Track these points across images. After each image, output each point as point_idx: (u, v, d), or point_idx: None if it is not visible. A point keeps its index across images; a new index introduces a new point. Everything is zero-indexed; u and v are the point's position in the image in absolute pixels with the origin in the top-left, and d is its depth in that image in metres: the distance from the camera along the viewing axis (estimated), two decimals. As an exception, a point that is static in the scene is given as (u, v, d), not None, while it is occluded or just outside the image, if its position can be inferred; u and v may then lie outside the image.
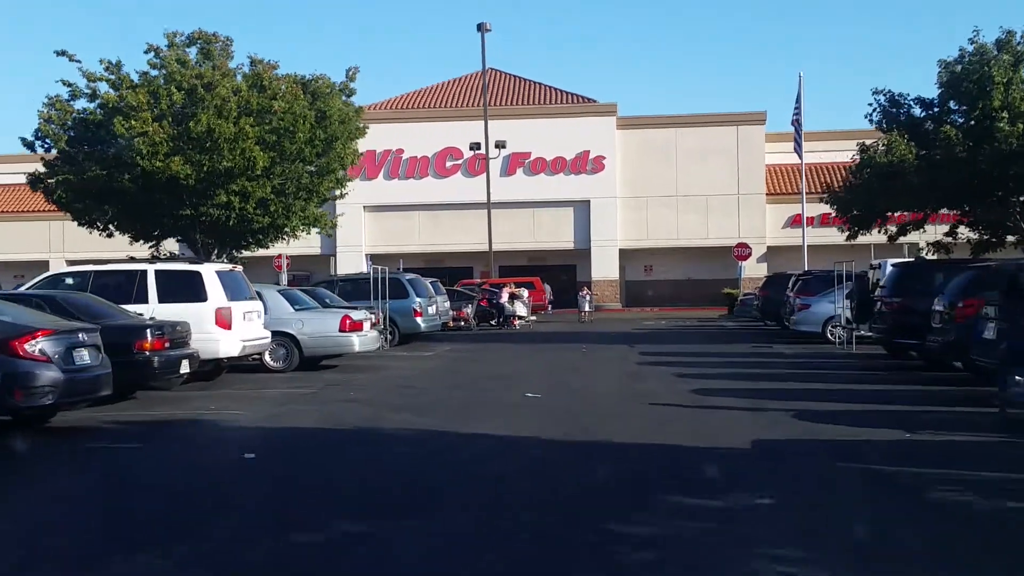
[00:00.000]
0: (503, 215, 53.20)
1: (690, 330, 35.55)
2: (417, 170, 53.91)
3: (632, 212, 53.06)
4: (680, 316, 45.78)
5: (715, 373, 19.39)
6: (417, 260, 56.02)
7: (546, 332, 35.03)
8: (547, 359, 23.49)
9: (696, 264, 54.72)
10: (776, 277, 34.93)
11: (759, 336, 31.56)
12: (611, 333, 33.48)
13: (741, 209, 52.45)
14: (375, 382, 18.50)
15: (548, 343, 29.48)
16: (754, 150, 52.43)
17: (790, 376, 18.75)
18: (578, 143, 52.78)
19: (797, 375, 18.93)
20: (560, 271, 56.38)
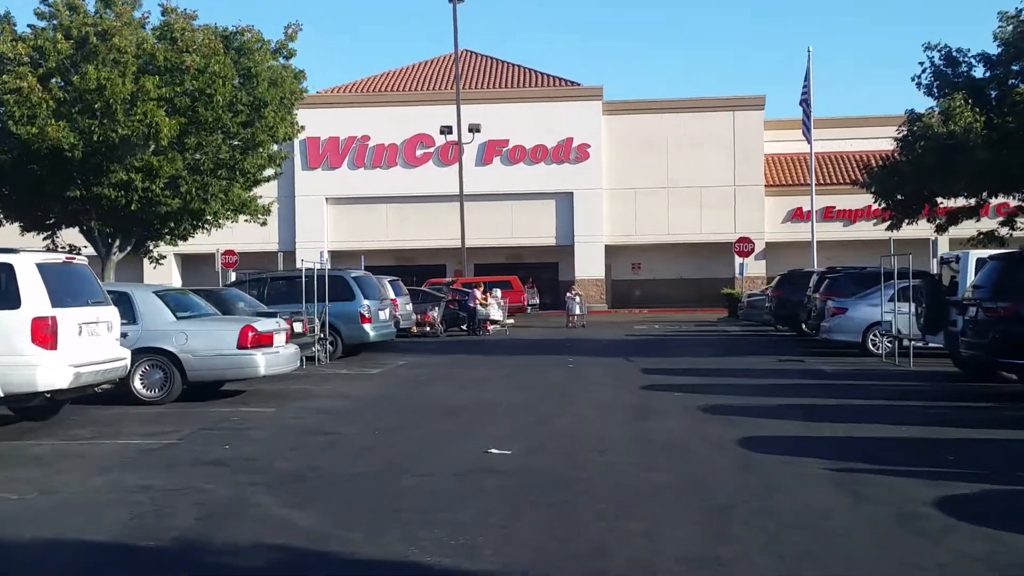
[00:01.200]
0: (478, 208, 47.39)
1: (691, 337, 29.81)
2: (385, 159, 48.00)
3: (619, 205, 47.33)
4: (674, 319, 40.08)
5: (753, 406, 13.63)
6: (385, 257, 50.13)
7: (525, 339, 29.21)
8: (524, 379, 17.70)
9: (688, 262, 49.04)
10: (792, 275, 29.24)
11: (776, 345, 25.84)
12: (600, 341, 27.72)
13: (738, 202, 46.81)
14: (277, 421, 12.65)
15: (526, 354, 23.69)
16: (752, 137, 46.79)
17: (863, 411, 13.02)
18: (560, 130, 47.02)
19: (873, 409, 13.21)
20: (541, 269, 50.58)
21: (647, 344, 26.60)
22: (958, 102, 20.74)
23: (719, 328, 33.98)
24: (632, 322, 38.16)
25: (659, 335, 30.22)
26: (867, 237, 46.06)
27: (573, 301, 34.24)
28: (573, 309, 34.01)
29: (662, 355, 22.65)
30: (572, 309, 34.07)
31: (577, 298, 34.66)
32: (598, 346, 25.84)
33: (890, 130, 49.70)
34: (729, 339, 28.58)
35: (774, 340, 27.79)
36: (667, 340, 28.19)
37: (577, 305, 34.10)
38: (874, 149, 48.82)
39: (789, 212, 46.87)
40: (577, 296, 34.89)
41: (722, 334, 30.90)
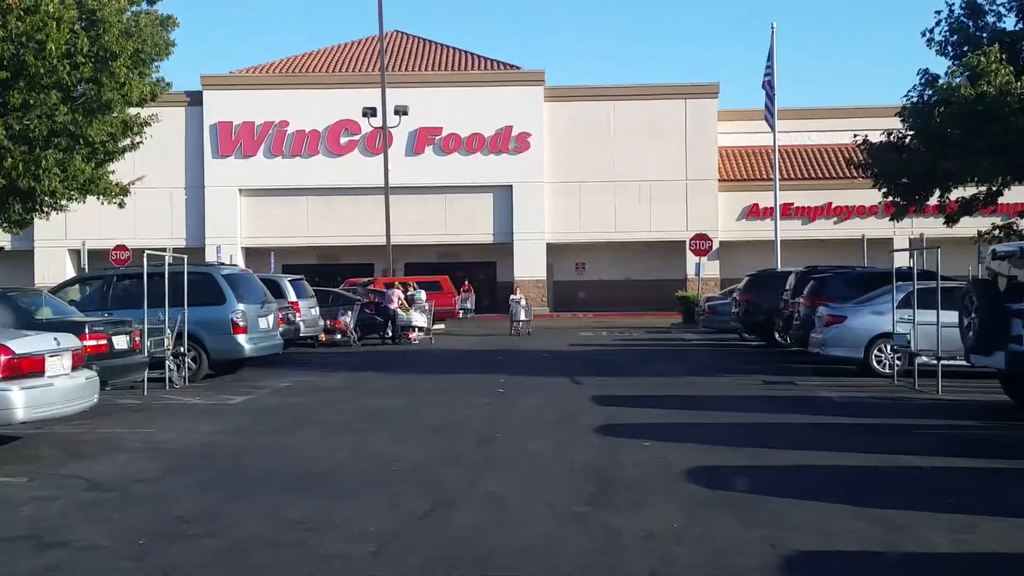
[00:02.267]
0: (408, 202, 42.26)
1: (646, 347, 25.02)
2: (305, 147, 42.58)
3: (562, 199, 42.48)
4: (622, 324, 35.32)
5: (767, 469, 8.80)
6: (306, 255, 44.80)
7: (453, 351, 24.16)
8: (435, 414, 12.65)
9: (637, 262, 44.33)
10: (763, 277, 24.63)
11: (750, 359, 21.12)
12: (542, 353, 22.79)
13: (690, 197, 42.19)
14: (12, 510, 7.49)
15: (449, 371, 18.66)
16: (705, 128, 42.23)
17: (952, 482, 8.21)
18: (499, 117, 42.04)
19: (969, 480, 8.40)
20: (478, 269, 45.56)
21: (596, 357, 21.71)
22: (993, 57, 16.11)
23: (675, 336, 29.23)
24: (577, 328, 33.32)
25: (609, 345, 25.36)
26: (828, 236, 41.88)
27: (518, 305, 29.08)
28: (518, 314, 28.91)
29: (616, 373, 17.76)
30: (516, 314, 28.96)
31: (523, 301, 29.56)
32: (538, 360, 20.89)
33: (853, 123, 45.61)
34: (691, 351, 23.80)
35: (744, 352, 23.09)
36: (619, 352, 23.33)
37: (523, 310, 29.04)
38: (834, 143, 44.68)
39: (744, 209, 42.40)
40: (522, 299, 29.79)
41: (681, 344, 26.13)
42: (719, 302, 27.64)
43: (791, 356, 21.09)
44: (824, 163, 43.47)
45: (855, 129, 45.93)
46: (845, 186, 42.09)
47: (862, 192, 42.16)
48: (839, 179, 42.44)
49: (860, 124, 45.19)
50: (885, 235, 41.79)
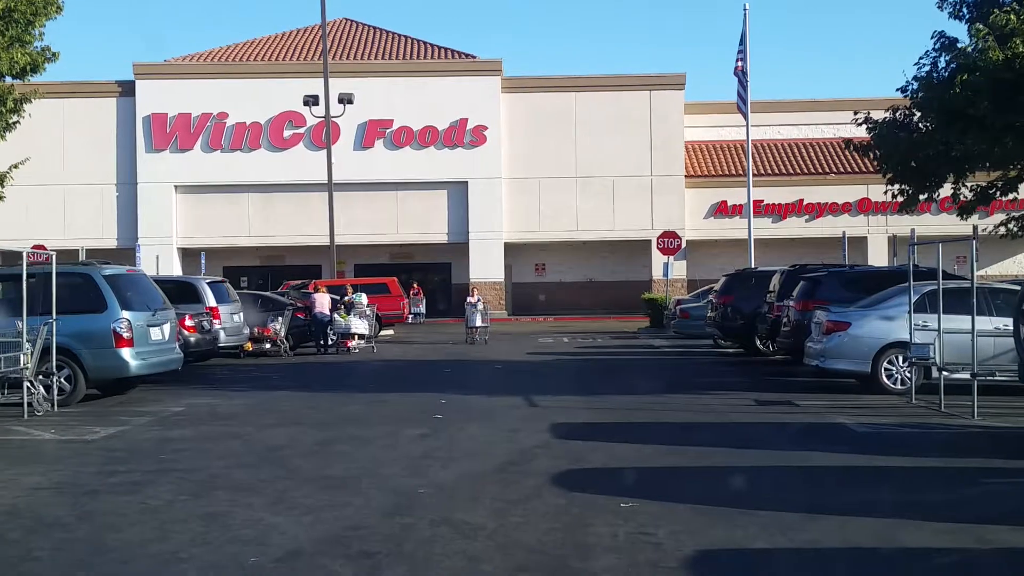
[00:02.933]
0: (357, 199, 39.10)
1: (612, 356, 22.07)
2: (246, 140, 39.22)
3: (521, 196, 39.49)
4: (585, 329, 32.39)
5: (801, 553, 5.81)
6: (248, 256, 41.47)
7: (394, 362, 21.05)
8: (345, 457, 9.55)
9: (600, 262, 41.48)
10: (743, 277, 21.76)
11: (732, 371, 18.25)
12: (494, 363, 19.76)
13: (656, 194, 39.37)
14: None
15: (383, 389, 15.57)
16: (671, 121, 39.42)
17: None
18: (453, 109, 38.96)
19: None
20: (432, 270, 42.49)
21: (556, 370, 18.72)
22: (1020, 14, 13.27)
23: (643, 342, 26.32)
24: (536, 333, 30.34)
25: (571, 354, 22.37)
26: (799, 234, 39.25)
27: (474, 309, 25.65)
28: (473, 320, 25.53)
29: (580, 390, 14.78)
30: (472, 320, 25.65)
31: (480, 305, 26.08)
32: (490, 374, 17.87)
33: (826, 116, 43.05)
34: (663, 360, 20.88)
35: (724, 363, 20.21)
36: (582, 362, 20.35)
37: (478, 315, 25.50)
38: (806, 137, 42.13)
39: (712, 206, 39.65)
40: (479, 303, 26.21)
41: (650, 351, 23.21)
42: (691, 305, 24.76)
43: (777, 367, 18.30)
44: (795, 158, 40.88)
45: (829, 123, 43.71)
46: (817, 182, 39.54)
47: (835, 188, 39.68)
48: (811, 175, 39.86)
49: (834, 117, 42.69)
50: (859, 233, 39.30)
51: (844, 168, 40.00)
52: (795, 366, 17.11)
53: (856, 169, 39.97)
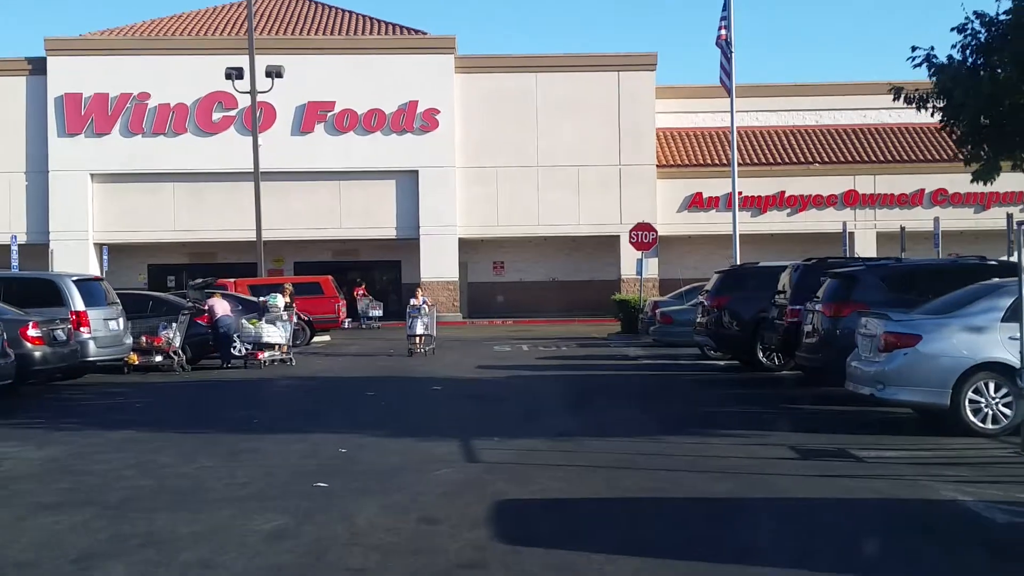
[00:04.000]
0: (297, 190, 34.53)
1: (580, 369, 17.64)
2: (171, 123, 34.39)
3: (477, 188, 35.00)
4: (547, 334, 28.01)
5: None
6: (175, 253, 36.71)
7: (307, 380, 16.48)
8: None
9: (564, 260, 37.13)
10: (741, 274, 17.42)
11: (739, 395, 13.91)
12: (434, 382, 15.27)
13: (624, 185, 35.07)
14: None
15: (261, 430, 10.98)
16: (641, 105, 35.13)
17: None
18: (402, 91, 34.40)
19: None
20: (380, 269, 37.92)
21: (512, 392, 14.27)
22: None
23: (616, 352, 21.92)
24: (492, 339, 25.90)
25: (531, 367, 17.90)
26: (782, 229, 35.13)
27: (417, 314, 20.41)
28: (414, 327, 20.42)
29: (541, 430, 10.37)
30: (413, 327, 20.45)
31: (424, 307, 20.80)
32: (423, 400, 13.39)
33: (809, 102, 38.81)
34: (646, 377, 16.47)
35: (723, 380, 15.86)
36: (545, 380, 15.87)
37: (419, 321, 20.36)
38: (787, 124, 38.01)
39: (686, 199, 35.41)
40: (424, 305, 20.93)
41: (626, 364, 18.79)
42: (674, 308, 20.37)
43: (790, 387, 14.04)
44: (776, 147, 36.78)
45: (812, 109, 39.65)
46: (799, 172, 35.45)
47: (819, 180, 35.58)
48: (794, 164, 35.76)
49: (818, 103, 38.66)
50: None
51: (829, 158, 35.98)
52: (813, 386, 12.90)
53: (842, 158, 35.98)
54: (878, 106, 37.36)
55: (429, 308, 20.58)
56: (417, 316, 20.27)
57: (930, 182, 35.08)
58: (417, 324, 20.32)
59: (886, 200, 35.12)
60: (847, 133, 37.00)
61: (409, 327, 20.59)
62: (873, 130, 37.04)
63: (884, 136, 36.82)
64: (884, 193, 35.12)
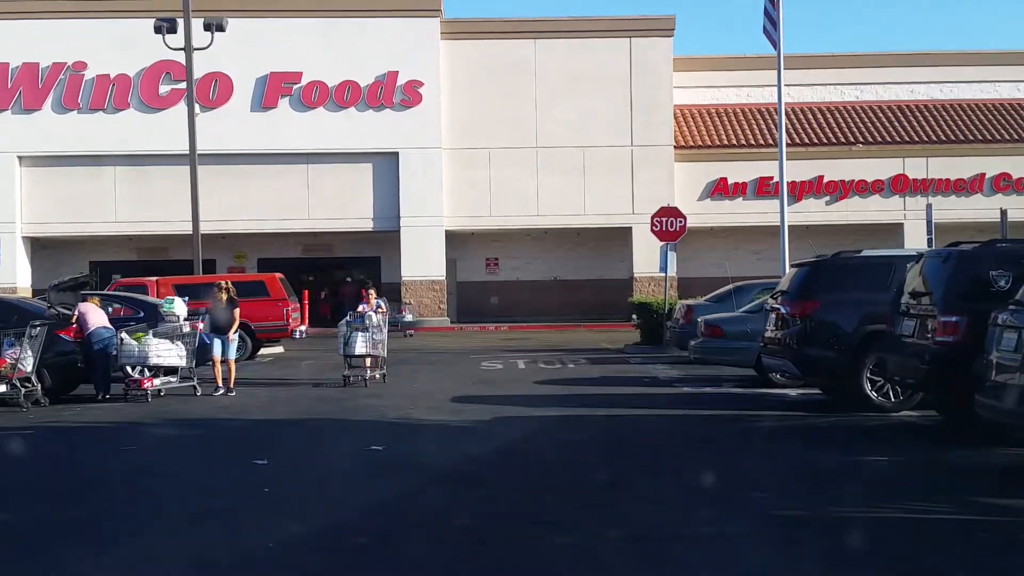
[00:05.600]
0: (258, 175, 28.96)
1: (598, 401, 11.88)
2: (111, 98, 28.72)
3: (467, 172, 29.31)
4: (550, 343, 22.34)
5: None
6: (121, 248, 31.15)
7: (193, 425, 10.77)
8: None
9: (567, 256, 31.43)
10: (833, 267, 11.46)
11: (879, 460, 8.14)
12: (377, 431, 9.56)
13: (637, 169, 29.38)
14: None
15: (26, 555, 5.28)
16: (657, 77, 29.44)
17: None
18: (380, 60, 28.72)
19: None
20: (357, 266, 32.24)
21: (499, 465, 8.47)
22: None
23: (640, 371, 16.12)
24: (482, 351, 20.21)
25: (530, 401, 12.14)
26: (819, 220, 29.41)
27: (361, 323, 13.98)
28: (354, 345, 13.80)
29: None
30: (352, 345, 13.81)
31: (373, 316, 14.20)
32: (333, 488, 7.60)
33: (850, 75, 32.29)
34: (706, 423, 10.65)
35: (831, 427, 10.13)
36: (554, 436, 10.06)
37: (361, 337, 13.84)
38: (824, 101, 32.26)
39: (709, 185, 29.71)
40: (375, 314, 14.37)
41: (663, 396, 12.98)
42: (722, 317, 14.52)
43: (952, 445, 8.32)
44: (812, 126, 31.08)
45: (854, 83, 33.86)
46: (840, 154, 29.77)
47: (863, 163, 29.83)
48: (832, 145, 30.06)
49: (860, 76, 32.71)
50: (892, 219, 29.59)
51: (874, 137, 30.27)
52: (991, 445, 7.25)
53: (888, 138, 30.26)
54: (926, 79, 31.79)
55: (383, 316, 14.56)
56: (361, 329, 13.88)
57: (991, 165, 29.39)
58: (357, 341, 13.76)
59: (940, 186, 29.40)
60: (892, 110, 31.29)
61: (346, 344, 13.89)
62: (922, 107, 31.33)
63: (936, 113, 31.11)
64: (938, 178, 29.41)
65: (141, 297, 15.96)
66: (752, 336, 13.40)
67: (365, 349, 13.83)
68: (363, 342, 13.76)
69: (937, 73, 31.64)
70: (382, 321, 14.13)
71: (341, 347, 13.92)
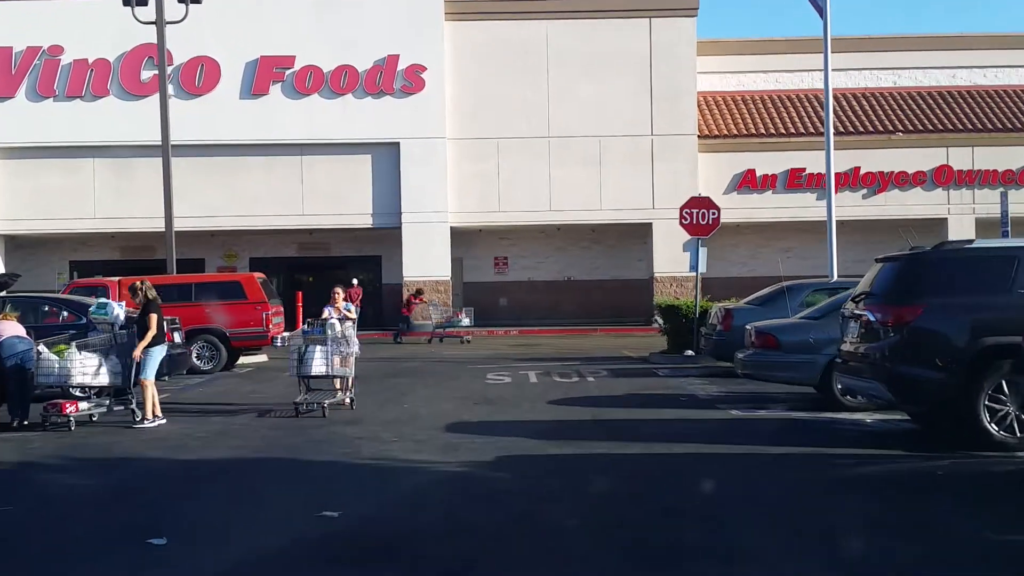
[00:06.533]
0: (248, 167, 26.44)
1: (628, 429, 9.24)
2: (89, 84, 26.22)
3: (473, 164, 26.69)
4: (563, 348, 19.70)
5: None
6: (103, 246, 28.70)
7: (99, 467, 8.22)
8: None
9: (581, 254, 28.78)
10: (939, 262, 8.76)
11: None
12: (335, 483, 6.93)
13: (658, 160, 26.70)
14: None
15: None
16: (679, 60, 26.76)
17: None
18: (379, 42, 26.14)
19: None
20: (356, 266, 29.61)
21: (504, 534, 5.84)
22: None
23: (672, 386, 13.46)
24: (488, 359, 17.61)
25: (543, 434, 9.50)
26: (853, 216, 26.59)
27: (321, 334, 10.67)
28: (310, 363, 10.63)
29: None
30: (308, 362, 10.66)
31: (338, 325, 10.87)
32: None
33: (890, 59, 29.40)
34: (779, 467, 7.96)
35: (934, 473, 7.42)
36: (577, 496, 7.41)
37: (317, 352, 10.62)
38: (857, 86, 29.52)
39: (735, 178, 27.00)
40: (339, 321, 11.09)
41: (709, 424, 10.33)
42: (778, 324, 11.78)
43: None
44: (847, 113, 28.31)
45: (891, 67, 31.00)
46: (877, 144, 27.01)
47: (902, 153, 27.04)
48: (869, 134, 27.32)
49: (897, 60, 29.87)
50: (935, 213, 26.82)
51: (914, 125, 27.51)
52: None
53: (930, 126, 27.51)
54: (969, 64, 29.02)
55: (353, 323, 11.55)
56: (318, 341, 10.62)
57: None
58: (315, 357, 10.62)
59: (987, 178, 26.62)
60: (933, 96, 28.52)
61: (302, 362, 10.67)
62: (965, 93, 28.56)
63: (981, 100, 28.33)
64: (985, 169, 26.63)
65: (80, 299, 13.33)
66: (815, 348, 10.77)
67: (325, 368, 10.69)
68: (323, 358, 10.68)
69: (980, 57, 28.85)
70: (351, 330, 11.08)
71: (294, 365, 10.88)
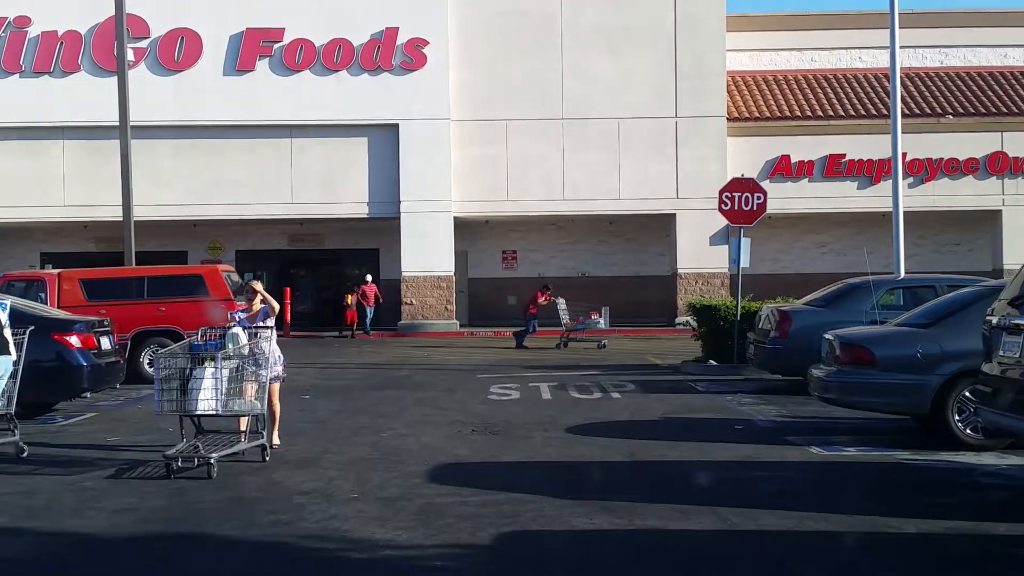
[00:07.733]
0: (233, 150, 23.82)
1: (677, 483, 6.51)
2: (59, 58, 23.57)
3: (479, 148, 23.93)
4: (580, 354, 16.92)
5: None
6: (77, 236, 26.11)
7: None
8: None
9: (597, 248, 26.04)
10: None
11: None
12: (256, 571, 4.17)
13: (682, 145, 23.87)
14: None
15: None
16: (707, 34, 23.94)
17: None
18: (376, 14, 23.43)
19: None
20: (351, 260, 26.95)
21: None
22: None
23: (716, 406, 10.71)
24: (493, 366, 14.89)
25: (560, 491, 6.78)
26: (915, 205, 23.62)
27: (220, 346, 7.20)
28: (193, 395, 6.98)
29: None
30: (191, 395, 7.01)
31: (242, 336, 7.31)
32: None
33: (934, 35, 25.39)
34: (924, 555, 5.25)
35: None
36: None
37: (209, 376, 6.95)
38: (909, 66, 26.64)
39: (768, 164, 24.16)
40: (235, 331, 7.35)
41: (783, 466, 7.57)
42: (871, 333, 8.90)
43: None
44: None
45: (937, 45, 27.75)
46: (925, 127, 24.09)
47: (951, 138, 24.09)
48: (915, 117, 24.38)
49: (944, 37, 26.93)
50: (988, 204, 23.99)
51: (965, 108, 24.62)
52: None
53: (982, 109, 24.62)
54: (1022, 42, 26.14)
55: (269, 331, 7.51)
56: (208, 360, 7.02)
57: None
58: (202, 385, 6.94)
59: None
60: (984, 77, 25.64)
61: (181, 392, 7.05)
62: (1019, 74, 25.68)
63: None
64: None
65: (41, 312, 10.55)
66: (924, 366, 7.97)
67: (212, 402, 6.98)
68: (212, 387, 6.95)
69: (1036, 35, 26.00)
70: (267, 343, 7.41)
71: (159, 398, 7.04)
